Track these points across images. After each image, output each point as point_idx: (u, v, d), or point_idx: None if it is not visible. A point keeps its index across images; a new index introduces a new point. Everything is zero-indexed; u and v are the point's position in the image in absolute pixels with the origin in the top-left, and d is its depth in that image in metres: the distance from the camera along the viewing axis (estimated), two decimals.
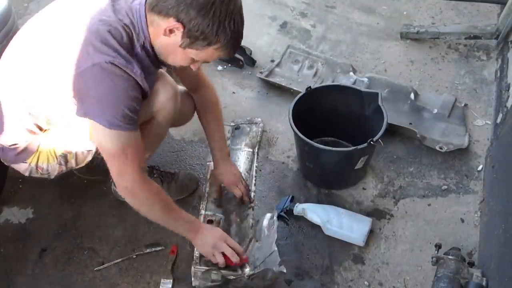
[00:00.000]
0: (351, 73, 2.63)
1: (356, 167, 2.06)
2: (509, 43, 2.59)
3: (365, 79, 2.58)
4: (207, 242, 1.78)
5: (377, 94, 2.11)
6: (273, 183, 2.27)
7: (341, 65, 2.67)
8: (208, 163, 2.27)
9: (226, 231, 1.93)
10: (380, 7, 3.06)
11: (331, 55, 2.77)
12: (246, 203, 2.13)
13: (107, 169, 1.63)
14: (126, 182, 1.56)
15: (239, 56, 2.75)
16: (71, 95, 1.50)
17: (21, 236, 2.10)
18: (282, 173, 2.30)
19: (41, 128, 1.73)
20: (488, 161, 2.24)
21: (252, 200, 2.16)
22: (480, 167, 2.26)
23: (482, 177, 2.23)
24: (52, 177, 1.88)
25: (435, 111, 2.45)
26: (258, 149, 2.38)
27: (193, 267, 1.84)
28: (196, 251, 1.88)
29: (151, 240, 2.04)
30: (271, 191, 2.24)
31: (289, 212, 2.11)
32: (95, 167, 1.99)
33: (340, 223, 2.02)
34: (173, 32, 1.41)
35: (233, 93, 2.64)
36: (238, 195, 2.11)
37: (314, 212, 2.07)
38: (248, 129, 2.45)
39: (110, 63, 1.40)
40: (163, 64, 1.61)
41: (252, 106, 2.59)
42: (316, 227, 2.07)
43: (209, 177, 2.23)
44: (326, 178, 2.22)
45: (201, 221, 2.02)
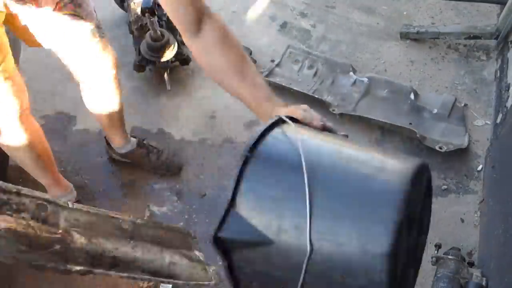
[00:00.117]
0: (351, 73, 2.63)
1: None
2: (509, 43, 2.59)
3: (365, 79, 2.58)
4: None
5: None
6: None
7: (341, 65, 2.67)
8: None
9: None
10: (380, 7, 3.06)
11: (331, 55, 2.77)
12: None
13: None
14: None
15: None
16: None
17: None
18: None
19: None
20: (488, 161, 2.24)
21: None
22: (480, 167, 2.26)
23: (482, 177, 2.23)
24: None
25: (435, 111, 2.45)
26: None
27: None
28: None
29: None
30: None
31: None
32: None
33: None
34: None
35: None
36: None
37: None
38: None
39: None
40: None
41: None
42: None
43: None
44: None
45: None
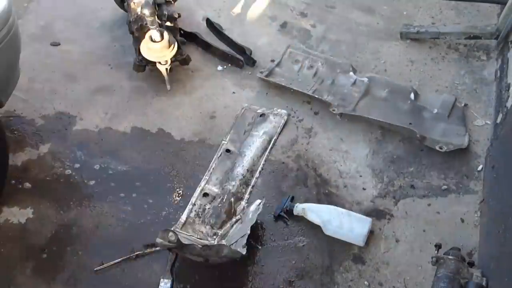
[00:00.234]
0: (351, 73, 2.63)
1: None
2: (509, 43, 2.59)
3: (365, 79, 2.58)
4: None
5: None
6: (273, 183, 2.27)
7: (341, 65, 2.67)
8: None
9: (219, 207, 2.14)
10: (380, 7, 3.06)
11: (331, 55, 2.77)
12: None
13: None
14: None
15: (239, 56, 2.74)
16: None
17: (21, 236, 2.10)
18: (282, 173, 2.30)
19: None
20: (488, 161, 2.24)
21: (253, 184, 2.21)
22: (480, 167, 2.26)
23: (482, 177, 2.23)
24: None
25: (435, 111, 2.45)
26: (277, 139, 2.42)
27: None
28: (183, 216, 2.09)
29: (151, 240, 2.04)
30: (271, 191, 2.24)
31: (289, 212, 2.11)
32: None
33: (340, 223, 2.02)
34: None
35: (233, 93, 2.64)
36: None
37: (314, 212, 2.07)
38: (272, 118, 2.50)
39: None
40: None
41: (252, 105, 2.59)
42: (316, 227, 2.07)
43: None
44: None
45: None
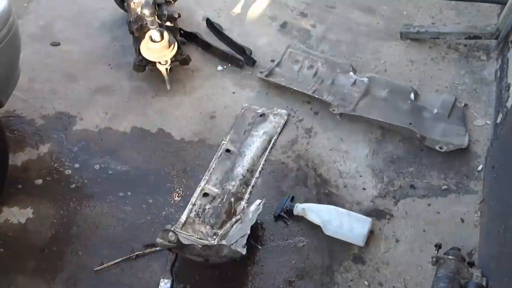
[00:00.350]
0: (351, 73, 2.63)
1: None
2: (509, 43, 2.59)
3: (365, 79, 2.58)
4: None
5: None
6: (273, 183, 2.27)
7: (341, 65, 2.67)
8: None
9: (219, 207, 2.14)
10: (380, 7, 3.06)
11: (331, 55, 2.77)
12: None
13: None
14: None
15: (239, 56, 2.74)
16: None
17: (21, 236, 2.10)
18: (282, 173, 2.30)
19: None
20: (488, 161, 2.24)
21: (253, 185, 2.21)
22: (480, 167, 2.26)
23: (482, 177, 2.23)
24: None
25: (435, 111, 2.45)
26: (277, 139, 2.42)
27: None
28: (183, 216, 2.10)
29: (151, 240, 2.04)
30: (271, 191, 2.24)
31: (289, 212, 2.11)
32: None
33: (340, 223, 2.02)
34: None
35: (233, 93, 2.64)
36: None
37: (314, 212, 2.07)
38: (272, 118, 2.50)
39: None
40: None
41: (252, 105, 2.59)
42: (316, 227, 2.07)
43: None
44: None
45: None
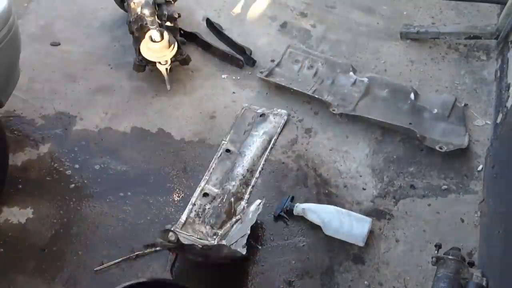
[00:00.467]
0: (351, 73, 2.63)
1: None
2: (509, 43, 2.59)
3: (365, 79, 2.58)
4: None
5: None
6: (273, 183, 2.27)
7: (341, 65, 2.67)
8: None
9: (219, 207, 2.15)
10: (380, 7, 3.06)
11: (331, 55, 2.77)
12: None
13: None
14: None
15: (239, 56, 2.74)
16: None
17: (21, 236, 2.10)
18: (282, 173, 2.30)
19: None
20: (488, 161, 2.24)
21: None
22: (480, 167, 2.26)
23: (482, 177, 2.23)
24: None
25: (435, 111, 2.45)
26: (277, 139, 2.42)
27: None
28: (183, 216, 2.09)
29: (151, 240, 2.04)
30: (271, 191, 2.24)
31: (289, 212, 2.11)
32: None
33: (340, 223, 2.02)
34: None
35: (233, 93, 2.64)
36: None
37: (314, 212, 2.07)
38: (272, 118, 2.49)
39: None
40: None
41: (252, 106, 2.59)
42: (316, 227, 2.07)
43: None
44: None
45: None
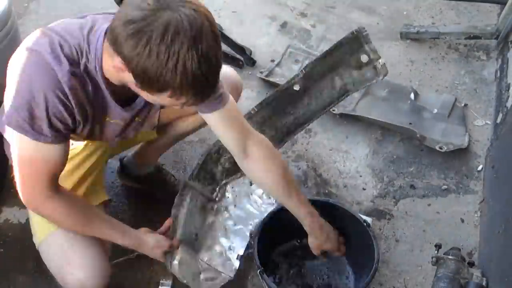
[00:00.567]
0: None
1: None
2: (509, 43, 2.59)
3: None
4: (151, 250, 1.65)
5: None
6: None
7: None
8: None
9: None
10: (380, 7, 3.06)
11: None
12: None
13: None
14: (26, 196, 1.38)
15: (239, 56, 2.74)
16: None
17: (21, 236, 2.10)
18: None
19: None
20: (488, 161, 2.24)
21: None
22: (480, 167, 2.26)
23: (482, 177, 2.23)
24: None
25: (435, 111, 2.45)
26: None
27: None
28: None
29: None
30: None
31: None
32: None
33: None
34: (123, 72, 1.13)
35: None
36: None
37: None
38: None
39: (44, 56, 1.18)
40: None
41: (252, 106, 2.59)
42: None
43: None
44: None
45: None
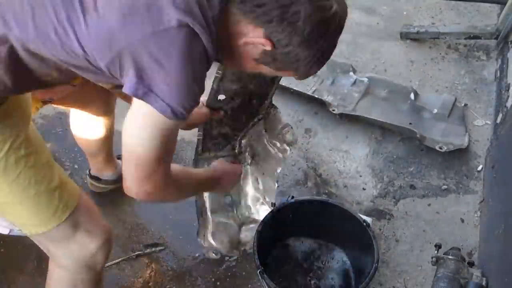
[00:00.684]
0: (351, 73, 2.62)
1: None
2: (509, 43, 2.59)
3: (365, 79, 2.58)
4: (227, 188, 1.80)
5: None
6: None
7: (341, 65, 2.67)
8: None
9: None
10: (380, 7, 3.06)
11: None
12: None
13: None
14: (148, 187, 1.18)
15: None
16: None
17: (21, 236, 2.09)
18: (282, 173, 2.29)
19: None
20: (488, 161, 2.24)
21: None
22: (480, 167, 2.26)
23: (482, 177, 2.23)
24: None
25: (435, 111, 2.45)
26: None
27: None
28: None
29: (151, 240, 2.04)
30: None
31: None
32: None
33: None
34: (253, 45, 1.09)
35: None
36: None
37: None
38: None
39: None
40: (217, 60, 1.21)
41: None
42: None
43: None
44: None
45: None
